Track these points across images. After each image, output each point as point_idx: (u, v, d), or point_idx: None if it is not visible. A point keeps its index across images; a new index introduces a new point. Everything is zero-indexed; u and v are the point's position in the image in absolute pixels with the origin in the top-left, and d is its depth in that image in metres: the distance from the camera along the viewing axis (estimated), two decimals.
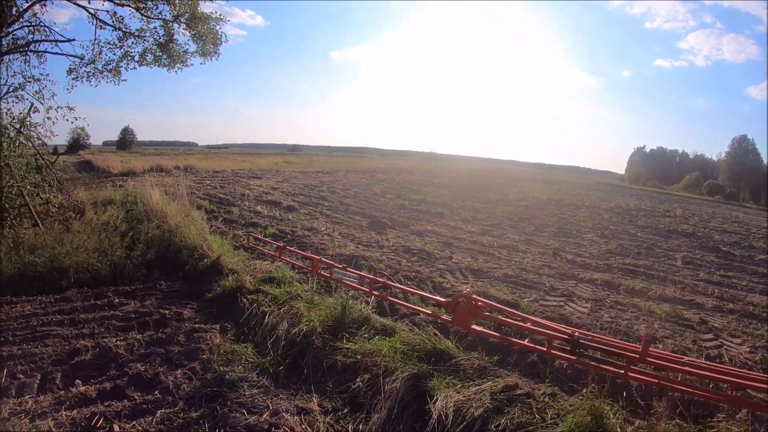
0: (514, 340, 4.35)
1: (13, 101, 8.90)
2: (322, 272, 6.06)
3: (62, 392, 3.74)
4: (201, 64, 12.03)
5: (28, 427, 3.13)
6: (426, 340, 4.22)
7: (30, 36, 9.43)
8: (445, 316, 4.76)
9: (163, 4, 10.44)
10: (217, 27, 11.30)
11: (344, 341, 4.38)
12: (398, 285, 5.38)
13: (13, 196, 8.09)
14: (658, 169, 79.02)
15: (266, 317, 4.97)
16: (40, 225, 8.08)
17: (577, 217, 15.99)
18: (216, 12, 11.26)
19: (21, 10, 8.89)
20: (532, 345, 4.16)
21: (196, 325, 4.94)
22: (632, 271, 8.46)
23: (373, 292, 5.38)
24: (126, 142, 57.35)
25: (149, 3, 10.40)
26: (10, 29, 8.91)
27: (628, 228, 14.66)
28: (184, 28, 11.06)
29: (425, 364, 3.88)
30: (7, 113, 8.59)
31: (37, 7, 9.24)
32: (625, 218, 17.46)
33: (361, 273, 5.68)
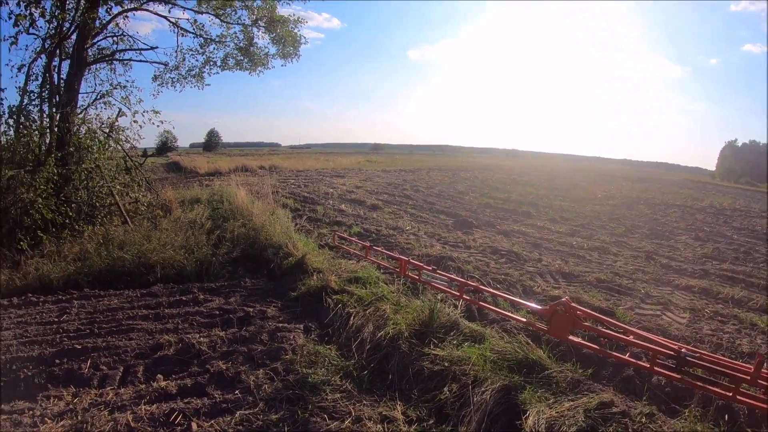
0: (614, 354, 4.00)
1: (101, 107, 9.94)
2: (410, 274, 5.91)
3: (143, 386, 3.87)
4: (282, 65, 12.87)
5: (107, 419, 3.23)
6: (517, 349, 4.02)
7: (114, 46, 10.53)
8: (539, 325, 4.44)
9: (242, 9, 11.20)
10: (296, 29, 11.97)
11: (431, 347, 4.21)
12: (489, 289, 5.09)
13: (104, 196, 8.93)
14: (750, 164, 69.22)
15: (351, 318, 4.88)
16: (129, 222, 8.77)
17: (669, 218, 15.37)
18: (293, 15, 11.94)
19: (104, 22, 9.92)
20: (634, 360, 3.94)
21: (280, 324, 4.96)
22: (731, 278, 7.85)
23: (464, 296, 5.14)
24: (212, 143, 62.19)
25: (228, 9, 11.12)
26: (95, 40, 9.96)
27: (724, 230, 13.59)
28: (263, 32, 11.83)
29: (516, 374, 3.71)
30: (96, 118, 9.53)
31: (120, 18, 10.33)
32: (720, 219, 16.33)
33: (451, 276, 5.43)
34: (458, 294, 5.13)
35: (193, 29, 11.53)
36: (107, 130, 9.52)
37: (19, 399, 3.67)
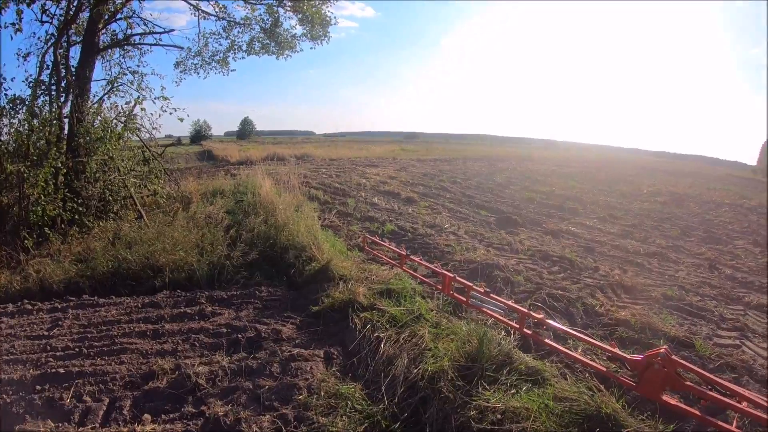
0: (722, 424, 3.02)
1: (119, 96, 9.44)
2: (456, 295, 5.00)
3: (127, 428, 3.30)
4: (311, 48, 12.17)
5: None
6: (588, 400, 3.18)
7: (128, 30, 9.97)
8: (625, 378, 3.48)
9: None
10: (324, 8, 11.17)
11: (480, 388, 3.37)
12: (557, 325, 4.05)
13: (117, 189, 8.39)
14: None
15: (382, 345, 4.07)
16: (144, 217, 8.23)
17: (722, 218, 14.32)
18: None
19: (117, 5, 9.36)
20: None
21: (296, 351, 4.19)
22: None
23: (525, 331, 4.19)
24: (245, 132, 63.27)
25: None
26: (108, 25, 9.48)
27: None
28: (288, 9, 11.06)
29: None
30: (112, 108, 9.00)
31: (134, 1, 9.78)
32: None
33: (508, 303, 4.46)
34: (518, 327, 4.20)
35: (215, 12, 10.99)
36: (124, 120, 9.00)
37: None
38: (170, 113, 9.40)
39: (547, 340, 3.98)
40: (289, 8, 10.98)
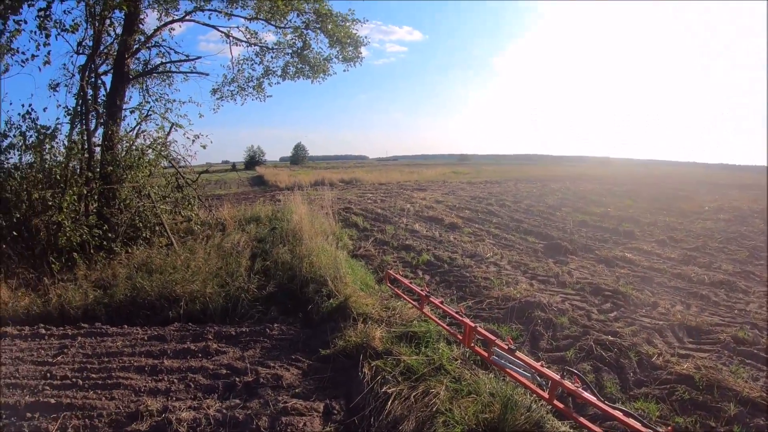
0: None
1: (150, 122, 9.74)
2: (477, 348, 4.36)
3: None
4: (344, 71, 12.40)
5: None
6: None
7: (158, 59, 10.45)
8: None
9: (292, 11, 10.73)
10: (353, 28, 11.30)
11: None
12: (594, 400, 3.26)
13: (148, 216, 8.54)
14: None
15: (389, 403, 3.70)
16: (175, 244, 8.28)
17: None
18: (350, 10, 11.28)
19: (148, 35, 9.85)
20: None
21: (292, 402, 3.88)
22: None
23: (557, 404, 3.41)
24: (298, 157, 65.67)
25: (276, 13, 10.67)
26: (138, 55, 9.97)
27: None
28: (317, 30, 11.23)
29: None
30: (141, 134, 9.33)
31: (165, 31, 10.28)
32: None
33: (536, 365, 3.62)
34: (548, 397, 3.47)
35: (246, 38, 11.36)
36: (158, 147, 9.23)
37: None
38: (192, 140, 9.67)
39: (582, 419, 3.34)
40: (318, 29, 11.13)
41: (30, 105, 8.24)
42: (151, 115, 9.56)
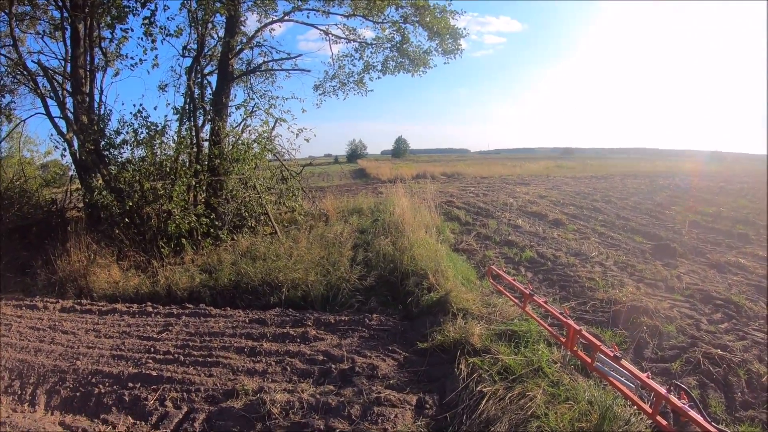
0: None
1: (255, 118, 10.28)
2: (580, 353, 3.94)
3: None
4: (445, 63, 12.24)
5: None
6: None
7: (260, 59, 10.96)
8: None
9: (389, 6, 10.70)
10: (451, 19, 11.03)
11: None
12: (703, 422, 2.72)
13: (254, 206, 8.96)
14: None
15: (483, 402, 3.48)
16: (279, 233, 8.58)
17: None
18: (448, 2, 11.10)
19: (249, 36, 10.36)
20: None
21: (385, 393, 3.79)
22: None
23: (659, 420, 3.01)
24: (399, 150, 66.57)
25: (373, 9, 10.70)
26: (241, 55, 10.50)
27: None
28: (416, 23, 11.14)
29: None
30: (246, 129, 9.91)
31: (266, 32, 10.72)
32: None
33: (642, 376, 3.25)
34: (651, 413, 3.06)
35: (345, 34, 11.50)
36: (263, 141, 9.66)
37: (84, 415, 3.99)
38: (296, 135, 10.05)
39: None
40: (416, 22, 11.02)
41: (141, 105, 9.07)
42: (255, 111, 10.05)
